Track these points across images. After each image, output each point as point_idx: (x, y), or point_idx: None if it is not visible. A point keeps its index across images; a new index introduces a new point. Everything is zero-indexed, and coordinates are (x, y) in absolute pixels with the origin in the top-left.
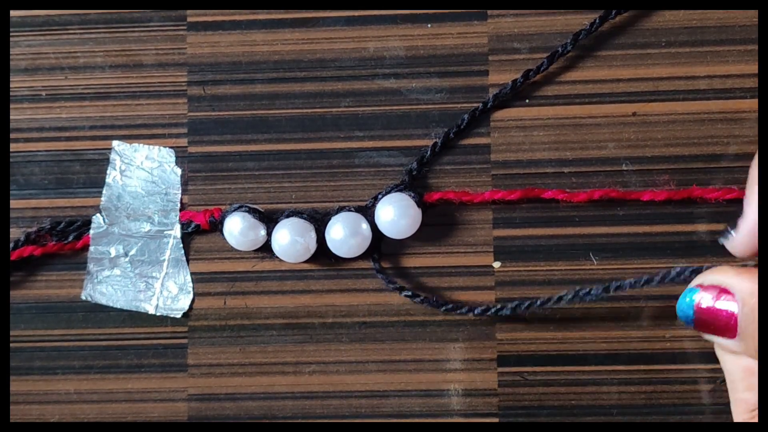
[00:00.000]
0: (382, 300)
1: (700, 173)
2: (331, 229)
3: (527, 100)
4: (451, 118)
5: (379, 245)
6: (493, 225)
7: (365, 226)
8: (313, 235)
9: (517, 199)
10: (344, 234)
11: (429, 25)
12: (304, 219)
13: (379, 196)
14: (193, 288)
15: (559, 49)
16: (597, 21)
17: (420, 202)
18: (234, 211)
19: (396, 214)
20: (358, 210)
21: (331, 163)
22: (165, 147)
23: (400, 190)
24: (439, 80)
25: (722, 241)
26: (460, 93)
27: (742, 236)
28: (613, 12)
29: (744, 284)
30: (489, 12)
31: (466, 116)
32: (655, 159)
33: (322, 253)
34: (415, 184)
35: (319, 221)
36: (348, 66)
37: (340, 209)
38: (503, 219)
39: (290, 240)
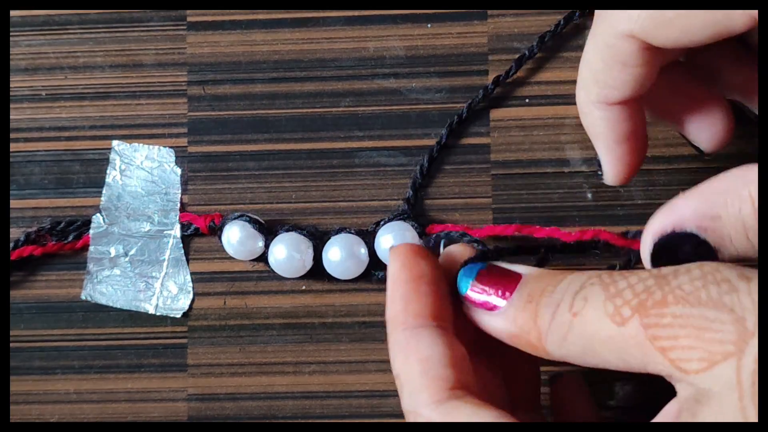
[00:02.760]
0: (382, 300)
1: (702, 173)
2: (329, 249)
3: (527, 100)
4: (451, 118)
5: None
6: None
7: (363, 250)
8: (310, 252)
9: (511, 234)
10: (341, 256)
11: (429, 25)
12: (304, 235)
13: (382, 223)
14: (193, 288)
15: (526, 52)
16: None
17: (422, 233)
18: (234, 219)
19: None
20: (359, 233)
21: (331, 163)
22: (165, 147)
23: (403, 219)
24: (439, 80)
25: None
26: (460, 93)
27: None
28: None
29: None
30: (489, 12)
31: (456, 116)
32: (655, 159)
33: (318, 271)
34: (415, 210)
35: (318, 239)
36: (348, 66)
37: (341, 230)
38: (503, 220)
39: (287, 255)
